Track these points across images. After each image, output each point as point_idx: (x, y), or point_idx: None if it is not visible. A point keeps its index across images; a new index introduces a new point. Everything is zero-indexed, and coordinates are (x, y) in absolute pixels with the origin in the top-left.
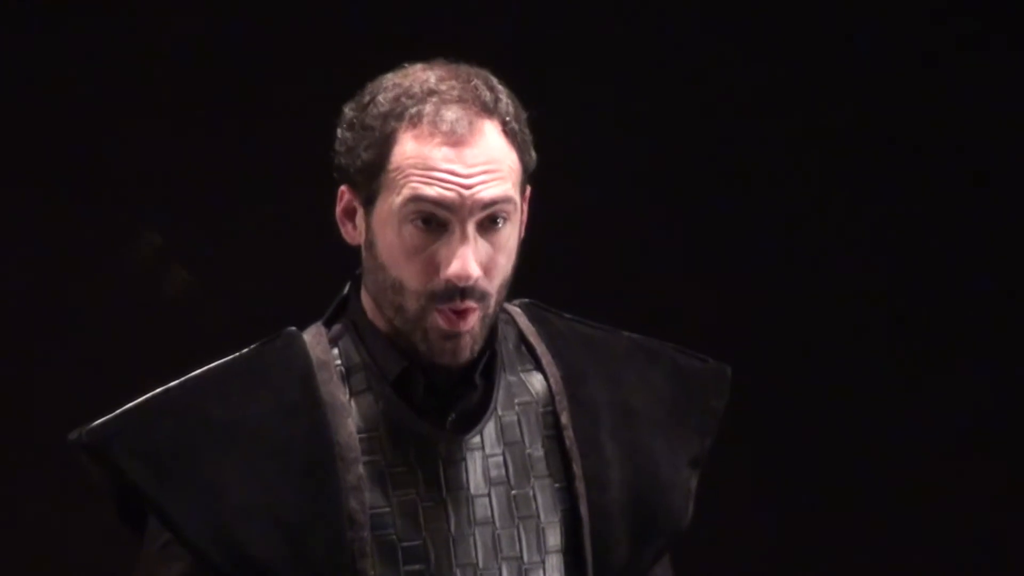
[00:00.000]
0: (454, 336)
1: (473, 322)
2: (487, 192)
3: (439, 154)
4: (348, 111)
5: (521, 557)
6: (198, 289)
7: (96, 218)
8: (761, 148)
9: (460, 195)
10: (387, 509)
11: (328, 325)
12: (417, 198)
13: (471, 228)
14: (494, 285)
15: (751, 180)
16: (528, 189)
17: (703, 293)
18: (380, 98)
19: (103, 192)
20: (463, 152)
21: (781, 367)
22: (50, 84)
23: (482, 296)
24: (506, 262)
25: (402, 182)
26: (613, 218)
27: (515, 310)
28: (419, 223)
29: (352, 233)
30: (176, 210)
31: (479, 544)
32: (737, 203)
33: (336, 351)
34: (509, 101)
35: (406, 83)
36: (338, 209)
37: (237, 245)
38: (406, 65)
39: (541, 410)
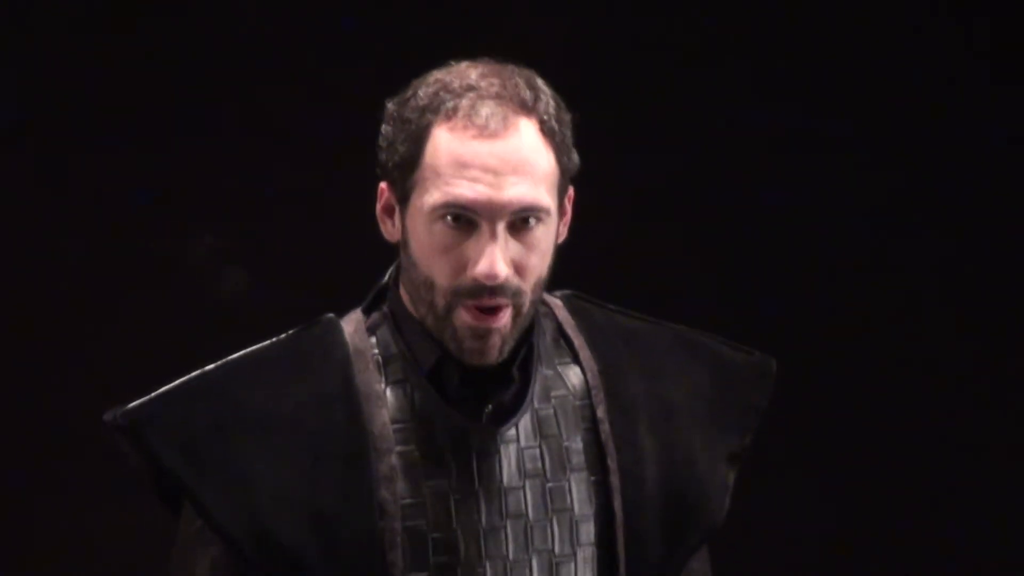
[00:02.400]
0: (483, 334)
1: (504, 320)
2: (517, 194)
3: (471, 149)
4: (390, 105)
5: (552, 550)
6: (252, 288)
7: (151, 217)
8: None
9: (489, 197)
10: (419, 500)
11: (367, 313)
12: (447, 201)
13: (501, 228)
14: (527, 283)
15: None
16: (571, 190)
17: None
18: (420, 92)
19: (159, 193)
20: (496, 147)
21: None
22: (104, 82)
23: (515, 293)
24: (539, 262)
25: (435, 181)
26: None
27: (555, 302)
28: (449, 221)
29: (391, 231)
30: (229, 211)
31: (510, 537)
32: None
33: (373, 340)
34: (551, 101)
35: (447, 79)
36: (378, 207)
37: (289, 243)
38: (452, 63)
39: (578, 403)
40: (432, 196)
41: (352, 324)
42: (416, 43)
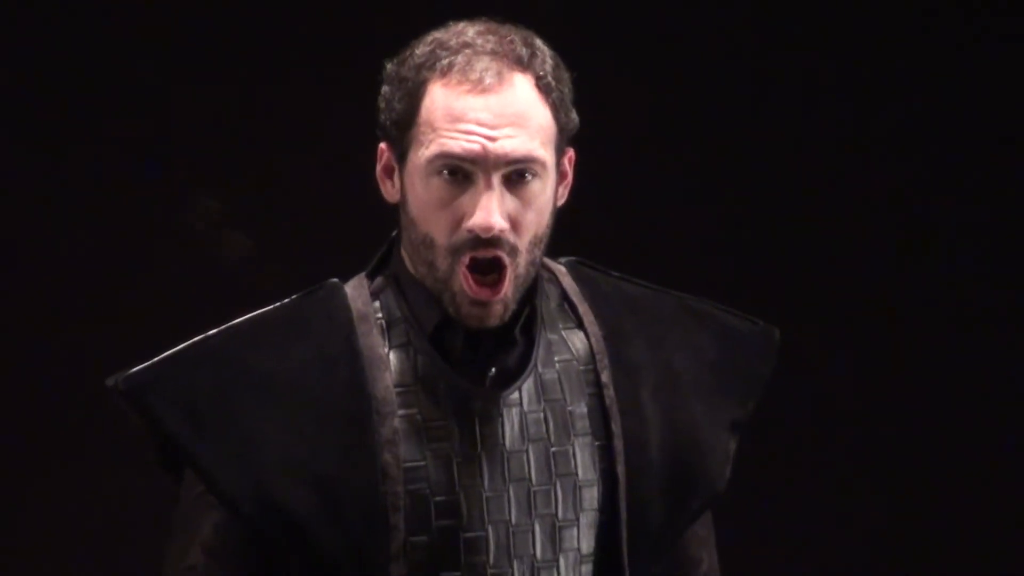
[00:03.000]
0: (482, 303)
1: (505, 288)
2: (513, 146)
3: (465, 103)
4: (389, 66)
5: (555, 515)
6: (255, 253)
7: (154, 184)
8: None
9: (484, 147)
10: (421, 463)
11: (371, 277)
12: (443, 153)
13: (496, 180)
14: (524, 241)
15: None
16: (570, 152)
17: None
18: (417, 51)
19: (161, 158)
20: (489, 100)
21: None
22: (108, 48)
23: (511, 250)
24: (536, 218)
25: (430, 136)
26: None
27: (559, 268)
28: (445, 175)
29: (391, 191)
30: (232, 175)
31: (512, 501)
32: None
33: (377, 304)
34: (548, 59)
35: (444, 37)
36: (378, 168)
37: (293, 207)
38: (451, 23)
39: (582, 368)
40: (428, 150)
41: (355, 288)
42: (418, 6)
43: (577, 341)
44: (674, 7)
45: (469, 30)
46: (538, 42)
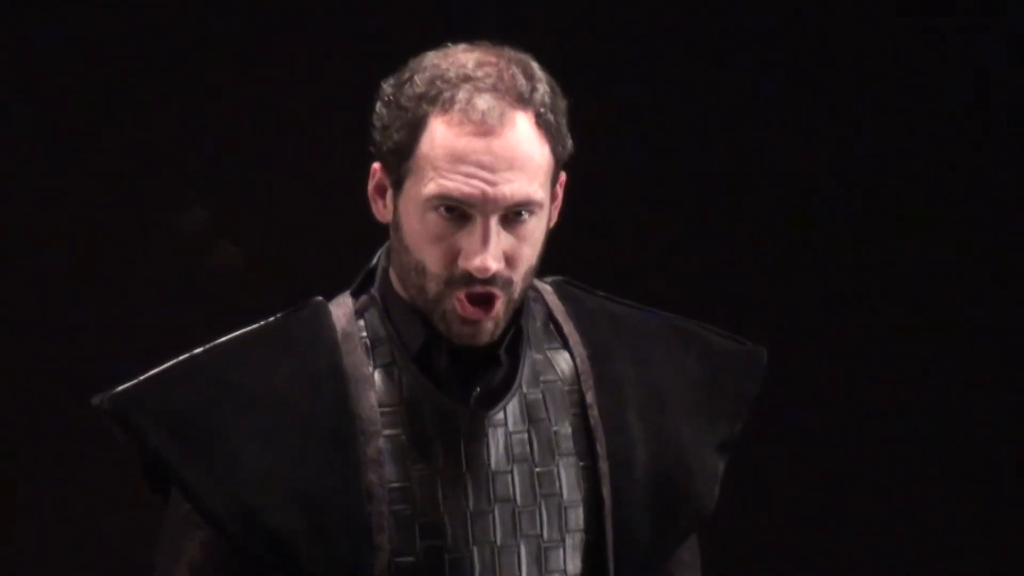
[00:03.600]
0: (473, 322)
1: (497, 309)
2: (512, 191)
3: (467, 145)
4: (386, 87)
5: (541, 535)
6: (244, 262)
7: (143, 192)
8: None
9: (483, 192)
10: (406, 484)
11: (355, 296)
12: (441, 194)
13: (493, 222)
14: (518, 273)
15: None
16: (563, 176)
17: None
18: (417, 78)
19: (150, 166)
20: (491, 144)
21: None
22: (99, 57)
23: (505, 284)
24: (531, 252)
25: (430, 173)
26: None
27: (545, 288)
28: (443, 211)
29: (382, 211)
30: (222, 184)
31: (498, 521)
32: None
33: (361, 323)
34: (547, 90)
35: (444, 65)
36: (370, 186)
37: (281, 218)
38: (449, 44)
39: (567, 388)
40: (427, 187)
41: (340, 307)
42: (412, 20)
43: (562, 361)
44: (669, 23)
45: (468, 59)
46: (536, 70)
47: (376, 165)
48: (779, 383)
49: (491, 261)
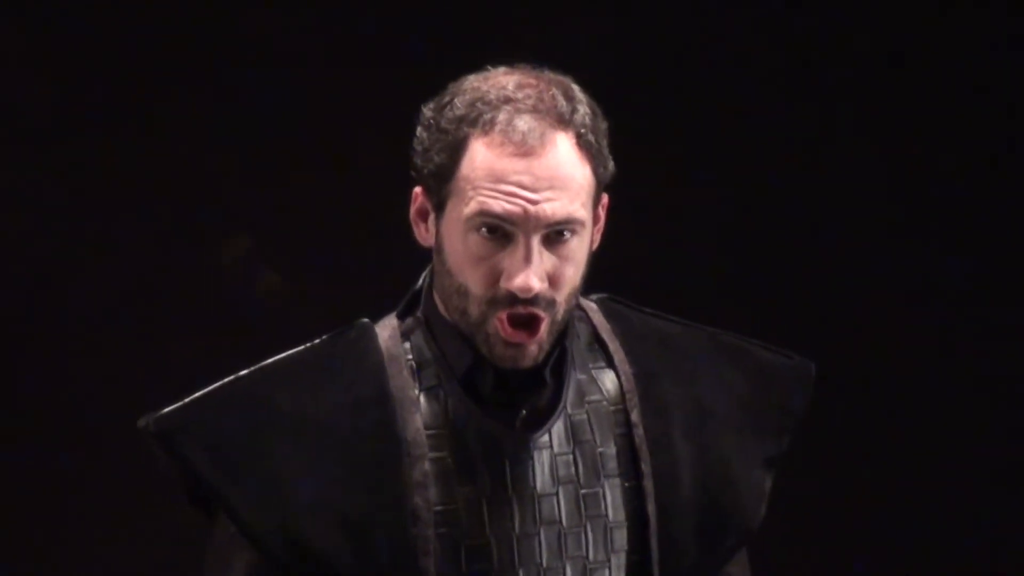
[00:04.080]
0: (516, 345)
1: (541, 332)
2: (553, 209)
3: (508, 166)
4: (427, 111)
5: (587, 556)
6: (286, 289)
7: (187, 220)
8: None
9: (525, 210)
10: (452, 507)
11: (401, 318)
12: (484, 212)
13: (536, 241)
14: (562, 294)
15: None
16: (605, 197)
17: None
18: (457, 101)
19: (195, 194)
20: (532, 164)
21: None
22: (142, 89)
23: (548, 305)
24: (574, 273)
25: (470, 193)
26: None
27: (590, 306)
28: (484, 232)
29: (424, 235)
30: (264, 213)
31: (544, 543)
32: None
33: (408, 345)
34: (588, 111)
35: (484, 87)
36: (412, 210)
37: (324, 245)
38: (489, 68)
39: (612, 408)
40: (468, 208)
41: (386, 329)
42: (451, 45)
43: (607, 381)
44: (709, 47)
45: (509, 81)
46: (577, 92)
47: (417, 189)
48: (824, 399)
49: (534, 280)
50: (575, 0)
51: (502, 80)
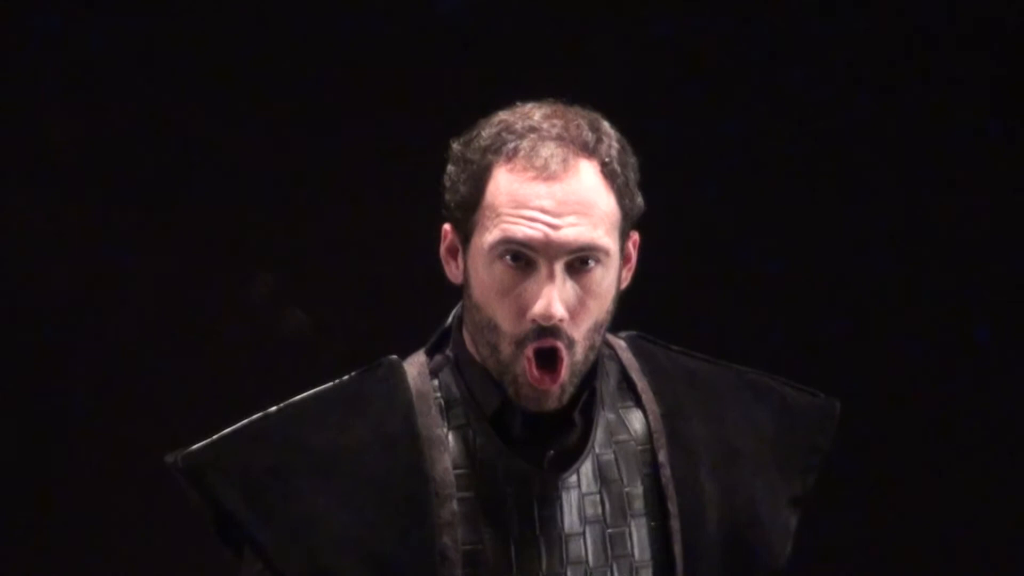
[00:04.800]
0: (541, 389)
1: (562, 376)
2: (576, 234)
3: (530, 190)
4: (456, 146)
5: None
6: (313, 329)
7: (214, 257)
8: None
9: (546, 235)
10: (479, 547)
11: (430, 356)
12: (505, 239)
13: (559, 268)
14: (581, 329)
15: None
16: (635, 235)
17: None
18: (484, 132)
19: (221, 232)
20: (554, 188)
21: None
22: (171, 124)
23: (568, 342)
24: (597, 307)
25: (494, 220)
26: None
27: (619, 343)
28: (508, 260)
29: (455, 272)
30: (291, 250)
31: None
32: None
33: (436, 383)
34: (614, 144)
35: (511, 119)
36: (442, 248)
37: (351, 282)
38: (519, 103)
39: (639, 448)
40: (491, 235)
41: (415, 367)
42: (481, 82)
43: (635, 420)
44: (742, 80)
45: (536, 113)
46: (605, 126)
47: (447, 226)
48: (849, 436)
49: (557, 306)
50: (607, 41)
51: (530, 112)
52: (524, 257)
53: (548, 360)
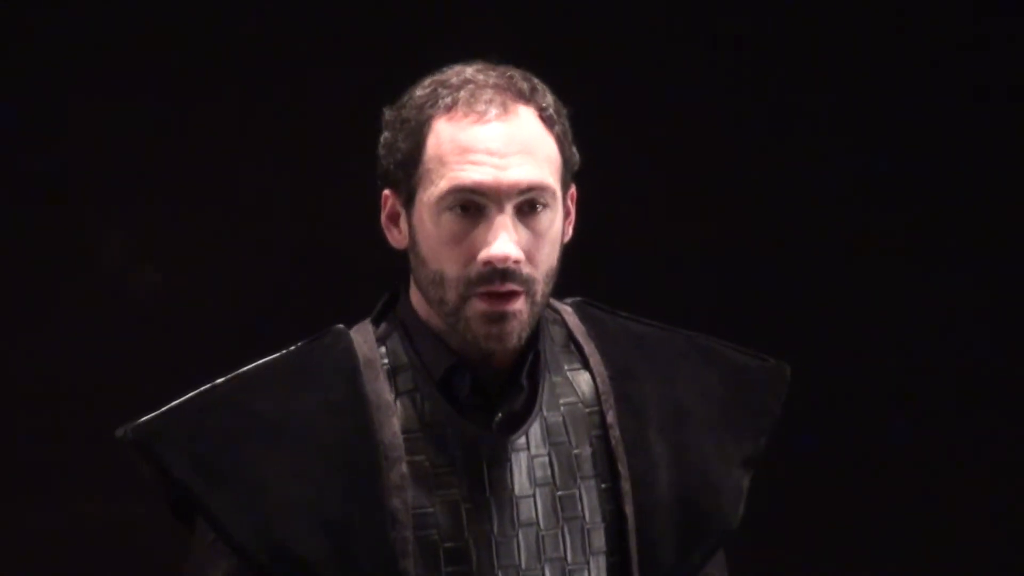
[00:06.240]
0: (498, 318)
1: (520, 305)
2: (523, 174)
3: (474, 134)
4: (388, 112)
5: (565, 558)
6: (166, 290)
7: (66, 219)
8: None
9: (495, 178)
10: (430, 509)
11: (376, 323)
12: (453, 186)
13: (509, 211)
14: (540, 272)
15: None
16: (573, 188)
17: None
18: (417, 92)
19: (72, 193)
20: (497, 129)
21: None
22: (25, 82)
23: (527, 281)
24: (550, 251)
25: (440, 171)
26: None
27: (565, 308)
28: (457, 210)
29: (398, 237)
30: (141, 210)
31: (522, 546)
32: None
33: (383, 349)
34: (548, 94)
35: (443, 77)
36: (383, 215)
37: (205, 242)
38: (447, 66)
39: (587, 410)
40: (438, 186)
41: (361, 334)
42: (392, 49)
43: (583, 383)
44: (676, 46)
45: (467, 69)
46: (537, 80)
47: (386, 192)
48: (800, 401)
49: (510, 247)
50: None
51: (460, 70)
52: (473, 205)
53: (504, 300)
